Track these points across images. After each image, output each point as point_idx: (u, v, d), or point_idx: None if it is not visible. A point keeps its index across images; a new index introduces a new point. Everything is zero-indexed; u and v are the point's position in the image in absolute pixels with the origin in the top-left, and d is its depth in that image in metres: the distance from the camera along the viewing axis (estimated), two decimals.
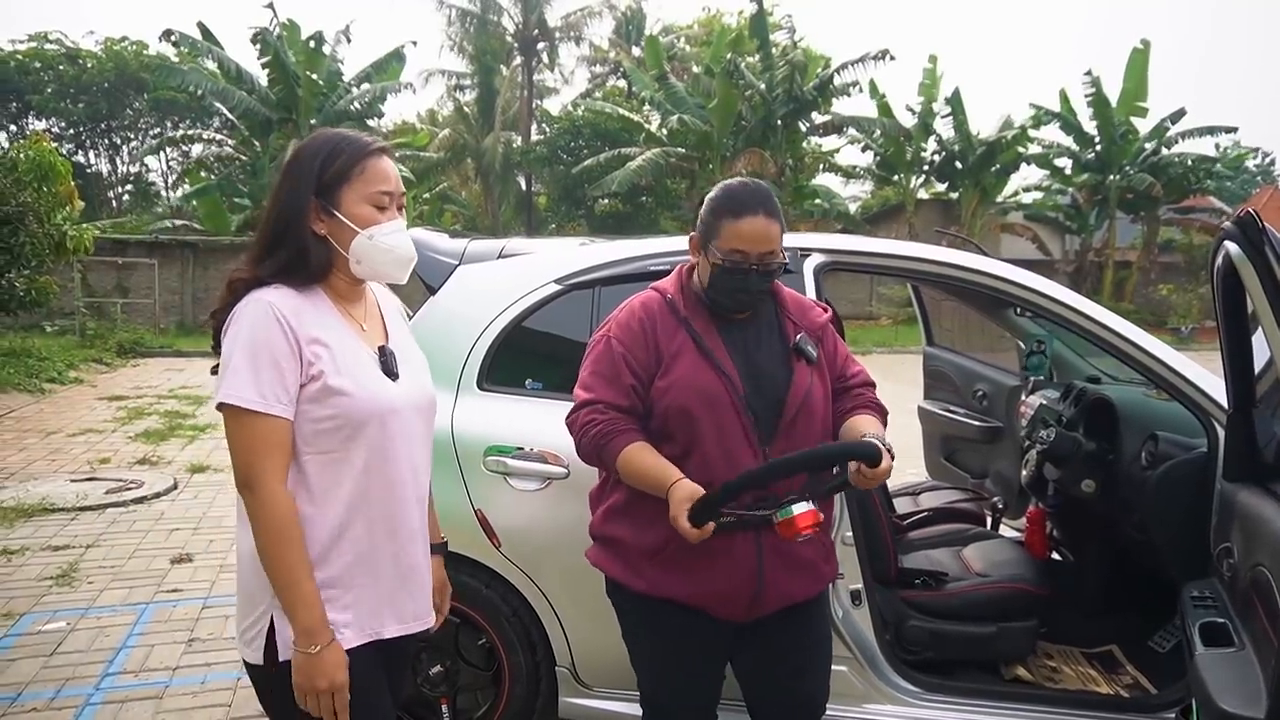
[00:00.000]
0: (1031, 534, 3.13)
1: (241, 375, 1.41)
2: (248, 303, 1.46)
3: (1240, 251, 1.49)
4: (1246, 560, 1.78)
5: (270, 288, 1.47)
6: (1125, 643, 2.92)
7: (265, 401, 1.41)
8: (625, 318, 1.85)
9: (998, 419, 3.94)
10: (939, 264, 2.64)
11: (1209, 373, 2.40)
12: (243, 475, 1.43)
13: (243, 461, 1.43)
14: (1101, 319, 2.47)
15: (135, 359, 13.69)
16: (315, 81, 19.66)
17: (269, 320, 1.43)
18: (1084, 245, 23.30)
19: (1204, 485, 2.29)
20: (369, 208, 1.52)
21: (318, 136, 1.57)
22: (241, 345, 1.42)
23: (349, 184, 1.51)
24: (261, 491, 1.42)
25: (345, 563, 1.50)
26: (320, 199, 1.51)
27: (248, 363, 1.41)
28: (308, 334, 1.46)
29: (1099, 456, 2.75)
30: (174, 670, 3.27)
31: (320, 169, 1.51)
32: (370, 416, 1.49)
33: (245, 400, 1.40)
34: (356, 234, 1.51)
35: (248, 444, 1.42)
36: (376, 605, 1.53)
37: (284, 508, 1.43)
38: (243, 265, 1.53)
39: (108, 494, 5.65)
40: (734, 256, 1.74)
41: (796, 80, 19.79)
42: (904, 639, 2.60)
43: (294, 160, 1.55)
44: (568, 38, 29.58)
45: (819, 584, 1.91)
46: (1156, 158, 21.99)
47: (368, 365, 1.53)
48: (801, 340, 1.85)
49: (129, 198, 31.82)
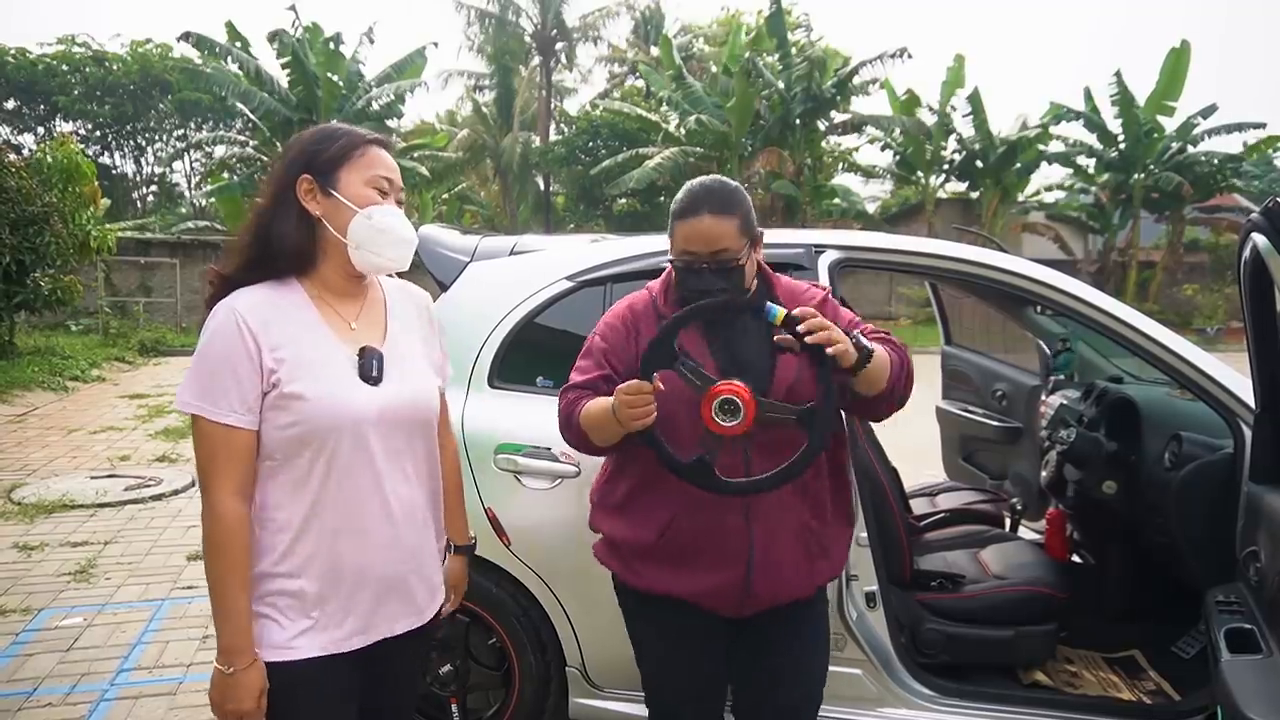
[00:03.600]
0: (1051, 536, 3.07)
1: (196, 382, 1.41)
2: (218, 309, 1.45)
3: (1269, 243, 1.44)
4: (1274, 565, 1.73)
5: (246, 290, 1.46)
6: (1148, 648, 2.86)
7: (218, 410, 1.40)
8: (612, 316, 1.88)
9: (1017, 419, 3.88)
10: (958, 261, 2.59)
11: (1235, 372, 2.34)
12: (200, 481, 1.44)
13: (198, 468, 1.44)
14: (1124, 316, 2.42)
15: (157, 358, 13.81)
16: (335, 82, 19.78)
17: (231, 329, 1.42)
18: (1107, 245, 23.00)
19: (1230, 487, 2.23)
20: (369, 190, 1.49)
21: (312, 128, 1.56)
22: (200, 353, 1.43)
23: (349, 164, 1.48)
24: (209, 499, 1.42)
25: (304, 572, 1.47)
26: (317, 179, 1.47)
27: (205, 370, 1.41)
28: (271, 340, 1.44)
29: (1121, 457, 2.70)
30: (188, 667, 3.28)
31: (314, 150, 1.48)
32: (331, 422, 1.44)
33: (192, 407, 1.41)
34: (355, 214, 1.47)
35: (203, 451, 1.42)
36: (342, 617, 1.49)
37: (228, 519, 1.41)
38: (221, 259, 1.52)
39: (127, 491, 5.69)
40: (685, 257, 1.76)
41: (815, 78, 19.66)
42: (920, 642, 2.56)
43: (284, 152, 1.55)
44: (586, 38, 29.58)
45: (812, 583, 1.86)
46: (1182, 156, 21.65)
47: (338, 369, 1.48)
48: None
49: (153, 198, 32.16)
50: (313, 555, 1.47)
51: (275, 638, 1.45)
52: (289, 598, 1.46)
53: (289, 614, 1.46)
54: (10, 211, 9.92)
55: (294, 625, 1.46)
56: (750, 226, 1.80)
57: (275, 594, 1.46)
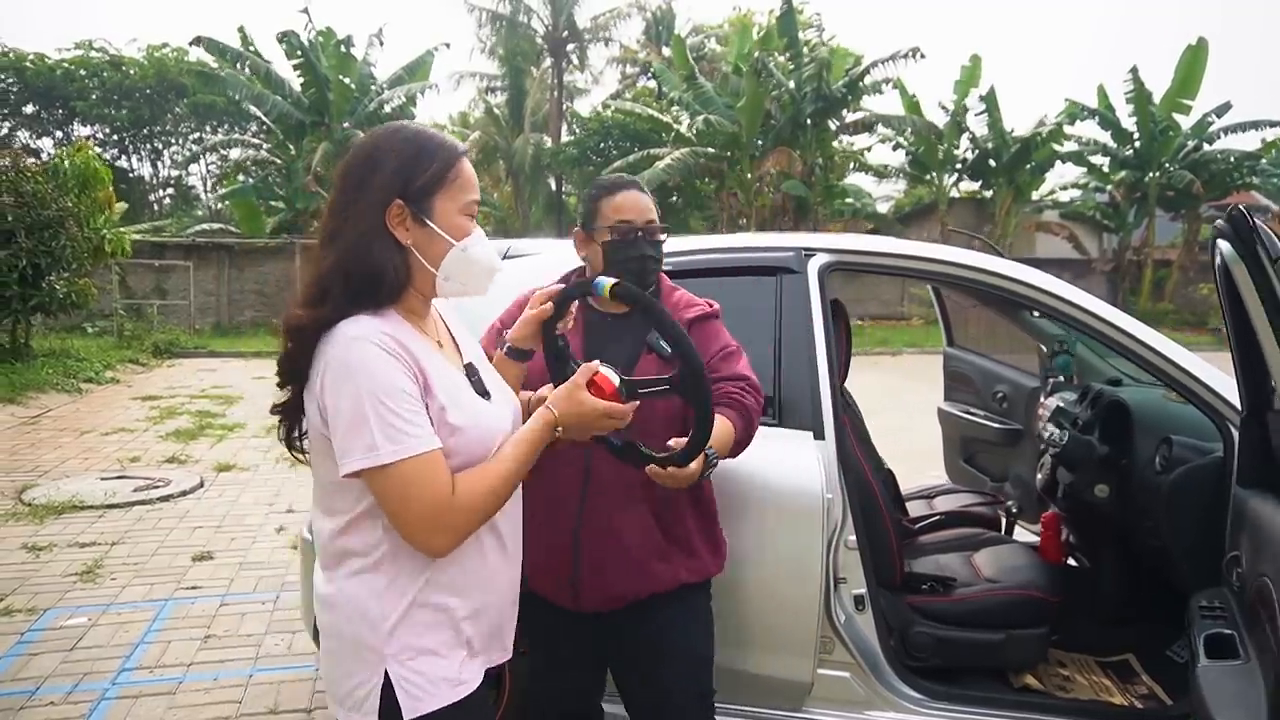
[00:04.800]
0: (1046, 539, 3.06)
1: (378, 430, 1.22)
2: (350, 345, 1.24)
3: (1232, 250, 1.44)
4: (1253, 570, 1.72)
5: (354, 320, 1.26)
6: (1143, 652, 2.85)
7: (419, 440, 1.24)
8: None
9: (1017, 421, 3.87)
10: (949, 264, 2.59)
11: (1224, 374, 2.33)
12: (429, 525, 1.24)
13: (412, 519, 1.24)
14: (1111, 318, 2.41)
15: (170, 359, 13.94)
16: (346, 85, 19.91)
17: (385, 358, 1.24)
18: (1122, 244, 22.80)
19: (1219, 491, 2.22)
20: (463, 218, 1.36)
21: (395, 134, 1.36)
22: (363, 397, 1.22)
23: (444, 191, 1.34)
24: (462, 516, 1.27)
25: (460, 594, 1.36)
26: (410, 205, 1.32)
27: (382, 410, 1.22)
28: (422, 369, 1.29)
29: (1112, 460, 2.69)
30: (188, 666, 3.32)
31: (408, 172, 1.32)
32: (485, 450, 1.34)
33: (387, 456, 1.22)
34: (450, 246, 1.34)
35: (416, 493, 1.23)
36: (489, 637, 1.42)
37: (478, 489, 1.29)
38: (301, 307, 1.30)
39: (135, 492, 5.75)
40: (621, 226, 1.89)
41: (824, 78, 19.60)
42: (910, 645, 2.56)
43: (364, 161, 1.33)
44: (597, 39, 29.66)
45: (648, 586, 1.86)
46: (1198, 154, 21.45)
47: (468, 393, 1.38)
48: (654, 339, 1.85)
49: (170, 201, 32.47)
50: (466, 580, 1.36)
51: (444, 672, 1.33)
52: (445, 628, 1.34)
53: (447, 644, 1.34)
54: (26, 216, 10.06)
55: (455, 654, 1.35)
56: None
57: (431, 625, 1.33)
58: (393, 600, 1.29)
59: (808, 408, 2.37)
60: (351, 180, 1.33)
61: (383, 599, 1.29)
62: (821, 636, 2.36)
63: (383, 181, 1.31)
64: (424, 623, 1.31)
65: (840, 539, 2.37)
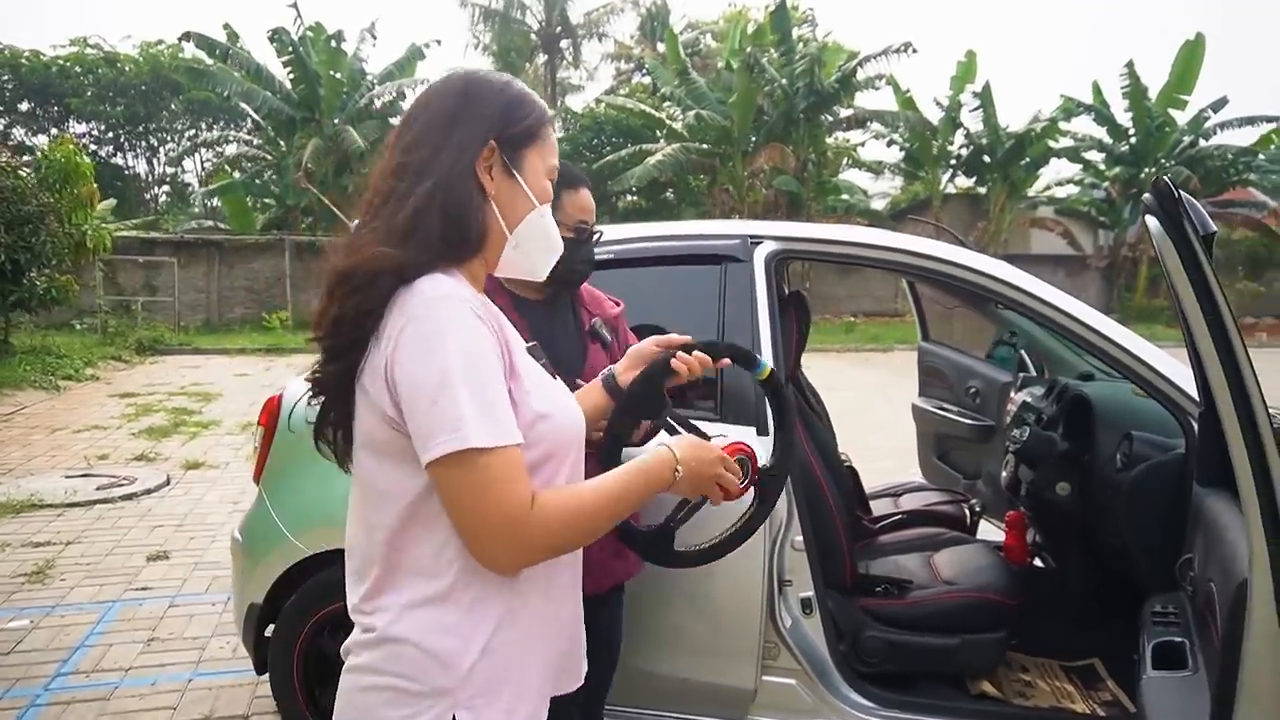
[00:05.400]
0: (1011, 538, 2.96)
1: (477, 405, 1.01)
2: (431, 307, 1.03)
3: (1160, 228, 1.32)
4: (1203, 574, 1.61)
5: (430, 280, 1.06)
6: (1109, 656, 2.74)
7: (511, 431, 1.04)
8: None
9: (990, 417, 3.77)
10: (904, 253, 2.48)
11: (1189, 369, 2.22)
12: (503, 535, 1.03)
13: (494, 521, 1.02)
14: (1070, 310, 2.29)
15: (154, 356, 13.83)
16: (337, 80, 19.78)
17: (480, 327, 1.05)
18: (1117, 240, 22.69)
19: (1180, 490, 2.11)
20: (546, 182, 1.20)
21: (487, 75, 1.20)
22: (460, 368, 1.01)
23: (534, 147, 1.18)
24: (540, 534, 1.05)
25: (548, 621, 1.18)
26: (503, 150, 1.15)
27: (479, 385, 1.02)
28: (505, 336, 1.11)
29: (1073, 457, 2.58)
30: (126, 671, 3.21)
31: (508, 114, 1.15)
32: (570, 439, 1.17)
33: (491, 438, 1.01)
34: (532, 208, 1.18)
35: (494, 493, 1.02)
36: (561, 668, 1.22)
37: (566, 509, 1.07)
38: (369, 238, 1.08)
39: (98, 490, 5.63)
40: (581, 226, 1.85)
41: (817, 73, 19.49)
42: (860, 650, 2.45)
43: (458, 95, 1.15)
44: (591, 35, 29.53)
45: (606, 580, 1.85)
46: (1194, 150, 21.35)
47: (544, 373, 1.21)
48: (597, 324, 1.89)
49: (166, 198, 32.34)
50: (548, 607, 1.17)
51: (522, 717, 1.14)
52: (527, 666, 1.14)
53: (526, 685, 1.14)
54: (6, 211, 9.94)
55: (530, 696, 1.15)
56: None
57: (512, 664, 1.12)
58: (470, 633, 1.08)
59: (751, 401, 2.26)
60: (442, 111, 1.13)
61: (458, 632, 1.07)
62: (765, 642, 2.26)
63: (483, 114, 1.13)
64: (505, 661, 1.10)
65: (786, 539, 2.26)
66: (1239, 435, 1.18)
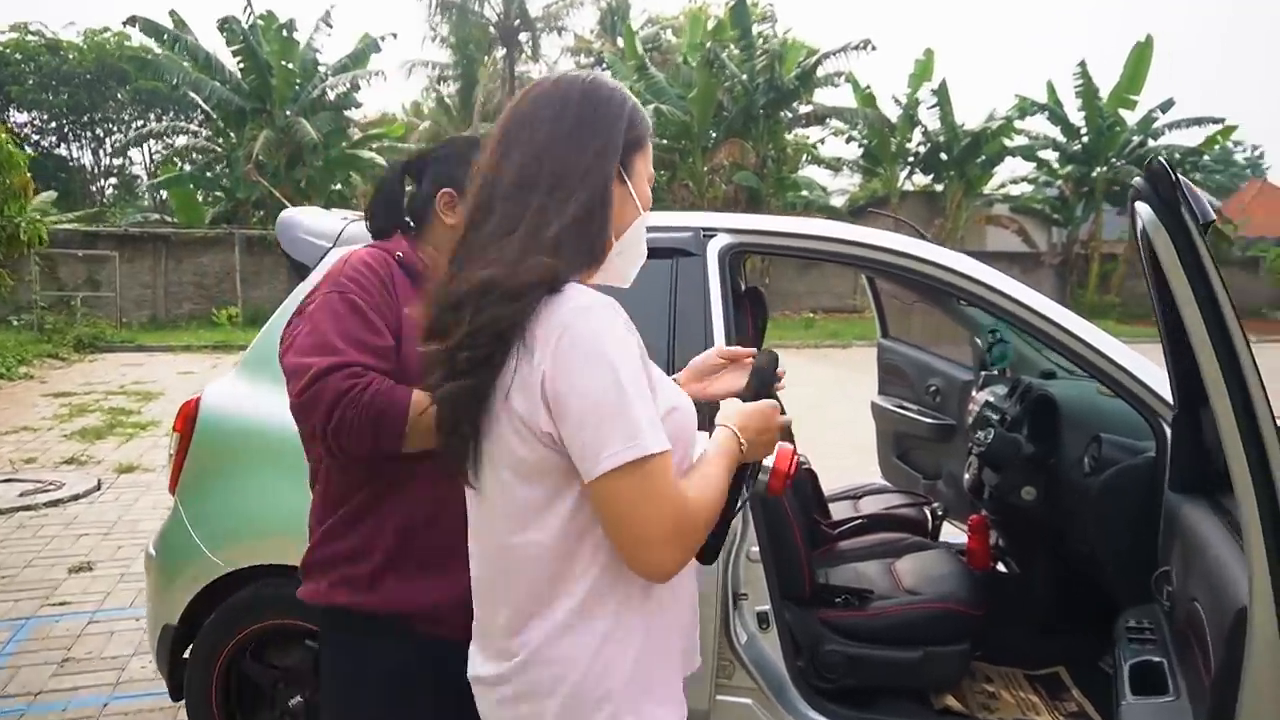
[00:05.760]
0: (974, 543, 2.85)
1: (639, 410, 1.01)
2: (587, 317, 1.02)
3: (1152, 215, 1.20)
4: (1184, 590, 1.50)
5: (576, 288, 1.05)
6: (1074, 664, 2.65)
7: (662, 437, 1.04)
8: (356, 273, 1.46)
9: (950, 416, 3.68)
10: (863, 246, 2.36)
11: (1159, 368, 2.12)
12: (669, 538, 1.02)
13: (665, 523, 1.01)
14: (1039, 307, 2.19)
15: (94, 354, 13.32)
16: (289, 70, 19.28)
17: (628, 335, 1.05)
18: (1070, 238, 23.07)
19: (1151, 495, 2.02)
20: (648, 187, 1.21)
21: (601, 79, 1.17)
22: (625, 376, 1.01)
23: (643, 151, 1.18)
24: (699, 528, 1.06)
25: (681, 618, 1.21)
26: (621, 158, 1.14)
27: (636, 393, 1.01)
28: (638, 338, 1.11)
29: (1040, 460, 2.48)
30: (36, 695, 2.97)
31: (630, 119, 1.15)
32: (693, 431, 1.18)
33: (655, 445, 1.01)
34: (639, 214, 1.18)
35: (661, 495, 1.01)
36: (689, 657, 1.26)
37: (705, 505, 1.07)
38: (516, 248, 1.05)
39: (21, 496, 5.33)
40: None
41: (777, 69, 19.48)
42: (819, 665, 2.32)
43: (585, 97, 1.12)
44: (550, 28, 29.21)
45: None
46: (1143, 149, 21.76)
47: (656, 366, 1.20)
48: None
49: (113, 190, 31.38)
50: (678, 603, 1.18)
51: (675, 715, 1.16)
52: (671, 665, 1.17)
53: (671, 682, 1.17)
54: None
55: (676, 694, 1.18)
56: None
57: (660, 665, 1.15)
58: (624, 639, 1.09)
59: (703, 403, 2.12)
60: (570, 117, 1.10)
61: (614, 639, 1.08)
62: (720, 660, 2.13)
63: (612, 122, 1.12)
64: (654, 659, 1.12)
65: (741, 550, 2.13)
66: (1240, 451, 1.05)
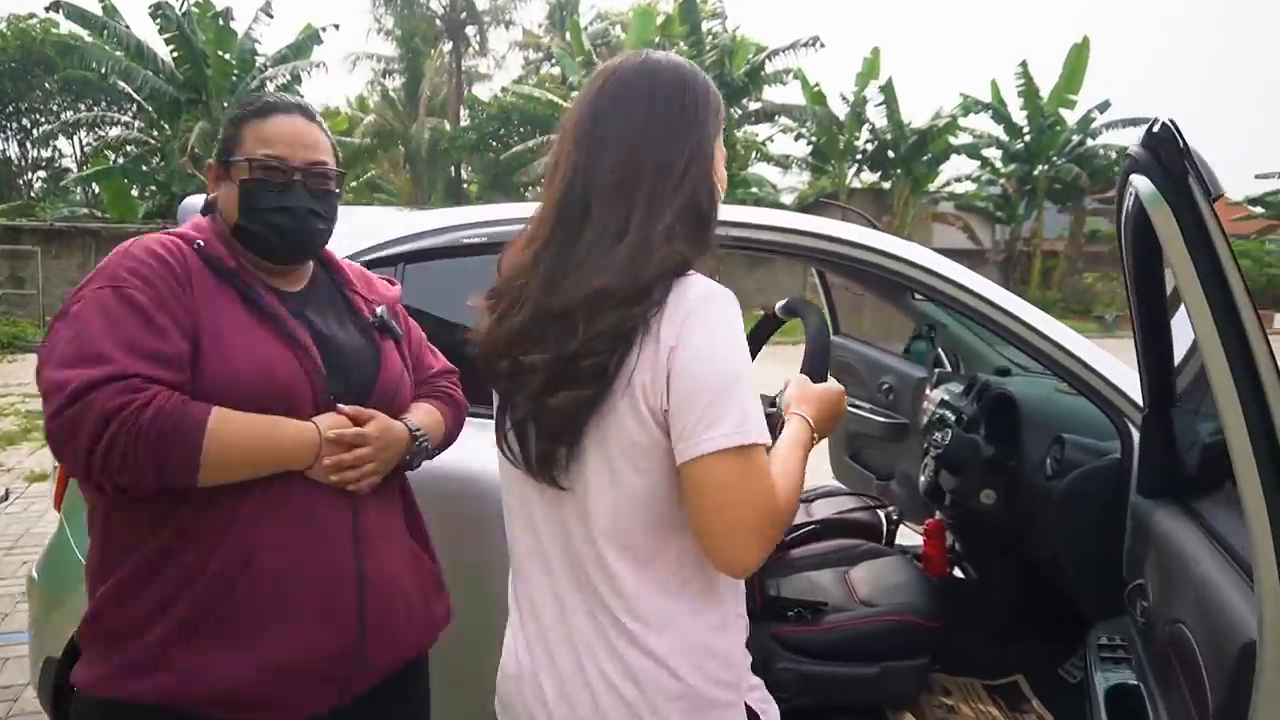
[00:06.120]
0: (930, 548, 2.74)
1: (754, 400, 1.01)
2: (711, 303, 1.02)
3: (1152, 189, 1.05)
4: (1164, 608, 1.38)
5: (694, 272, 1.05)
6: (1033, 672, 2.56)
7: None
8: (138, 264, 1.21)
9: (904, 414, 3.57)
10: (811, 236, 2.22)
11: (1124, 365, 2.01)
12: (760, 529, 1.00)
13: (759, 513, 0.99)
14: (1000, 301, 2.07)
15: (13, 354, 12.68)
16: (226, 61, 18.64)
17: (740, 321, 1.05)
18: (1013, 235, 23.47)
19: (1116, 499, 1.90)
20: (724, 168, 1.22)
21: (683, 62, 1.16)
22: (741, 364, 1.01)
23: (720, 135, 1.18)
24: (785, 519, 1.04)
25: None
26: None
27: (751, 387, 1.02)
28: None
29: (999, 462, 2.36)
30: None
31: (715, 105, 1.16)
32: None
33: (764, 433, 1.00)
34: (720, 196, 1.20)
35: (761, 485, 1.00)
36: None
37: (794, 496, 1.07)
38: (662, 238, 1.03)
39: None
40: (270, 161, 1.30)
41: (726, 66, 19.43)
42: (772, 684, 2.15)
43: (682, 86, 1.12)
44: (497, 22, 28.83)
45: (430, 632, 1.42)
46: (1082, 149, 22.23)
47: None
48: (383, 313, 1.43)
49: (42, 184, 30.12)
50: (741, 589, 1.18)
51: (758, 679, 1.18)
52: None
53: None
54: None
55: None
56: (338, 160, 1.41)
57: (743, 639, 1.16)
58: (732, 625, 1.11)
59: None
60: (671, 103, 1.09)
61: (725, 628, 1.10)
62: None
63: (710, 107, 1.13)
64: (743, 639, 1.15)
65: None
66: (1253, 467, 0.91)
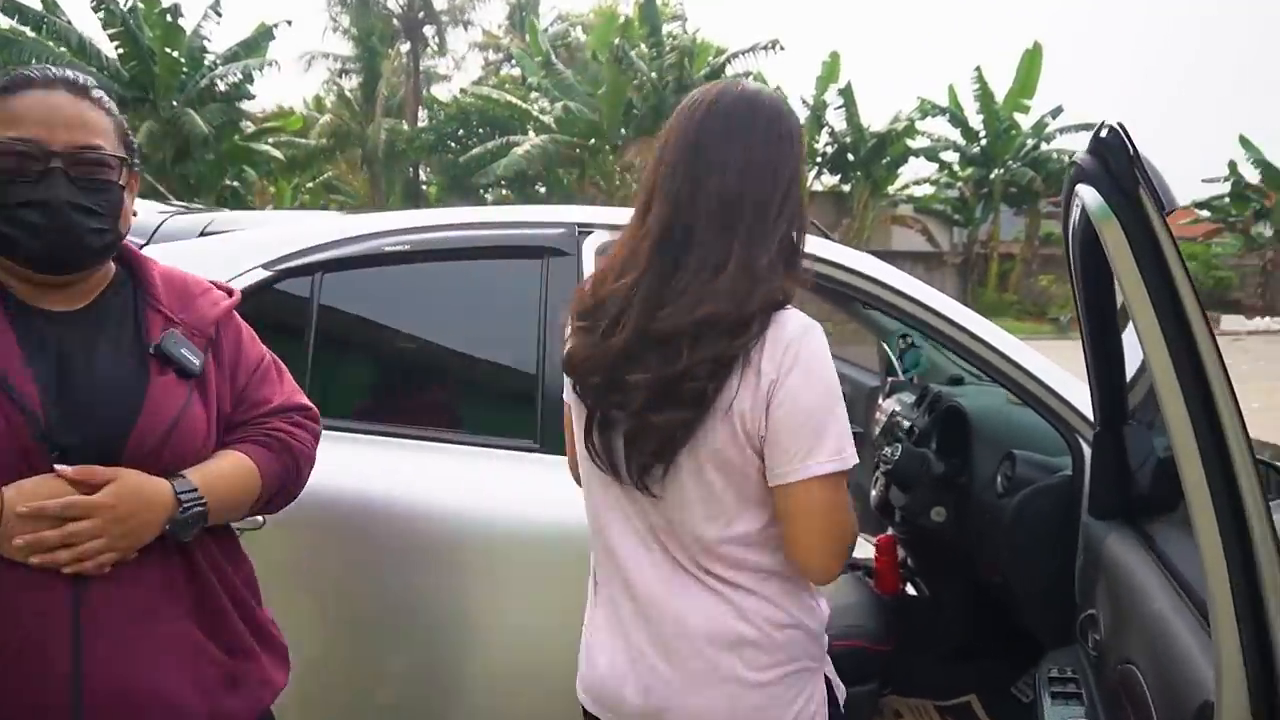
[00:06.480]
0: (881, 564, 2.65)
1: (847, 426, 1.12)
2: (808, 333, 1.11)
3: (1100, 201, 0.97)
4: (1114, 643, 1.30)
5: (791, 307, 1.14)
6: (985, 691, 2.48)
7: None
8: None
9: (857, 424, 3.49)
10: None
11: (1077, 379, 1.95)
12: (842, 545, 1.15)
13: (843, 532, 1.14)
14: (943, 310, 1.99)
15: None
16: (174, 58, 18.17)
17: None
18: (970, 238, 23.80)
19: (1068, 519, 1.84)
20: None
21: (766, 90, 1.22)
22: (837, 394, 1.12)
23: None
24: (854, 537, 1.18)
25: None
26: None
27: (842, 409, 1.13)
28: None
29: (950, 478, 2.29)
30: None
31: (800, 135, 1.24)
32: None
33: (855, 461, 1.11)
34: None
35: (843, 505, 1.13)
36: None
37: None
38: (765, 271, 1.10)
39: None
40: (16, 146, 1.07)
41: (686, 67, 19.42)
42: None
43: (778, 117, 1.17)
44: (456, 22, 28.54)
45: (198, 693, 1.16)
46: (1037, 152, 22.59)
47: None
48: (170, 340, 1.17)
49: None
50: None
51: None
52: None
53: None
54: None
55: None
56: (129, 147, 1.20)
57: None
58: (813, 603, 1.22)
59: None
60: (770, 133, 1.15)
61: (809, 609, 1.21)
62: None
63: (798, 137, 1.21)
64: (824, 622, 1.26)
65: None
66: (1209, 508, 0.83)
